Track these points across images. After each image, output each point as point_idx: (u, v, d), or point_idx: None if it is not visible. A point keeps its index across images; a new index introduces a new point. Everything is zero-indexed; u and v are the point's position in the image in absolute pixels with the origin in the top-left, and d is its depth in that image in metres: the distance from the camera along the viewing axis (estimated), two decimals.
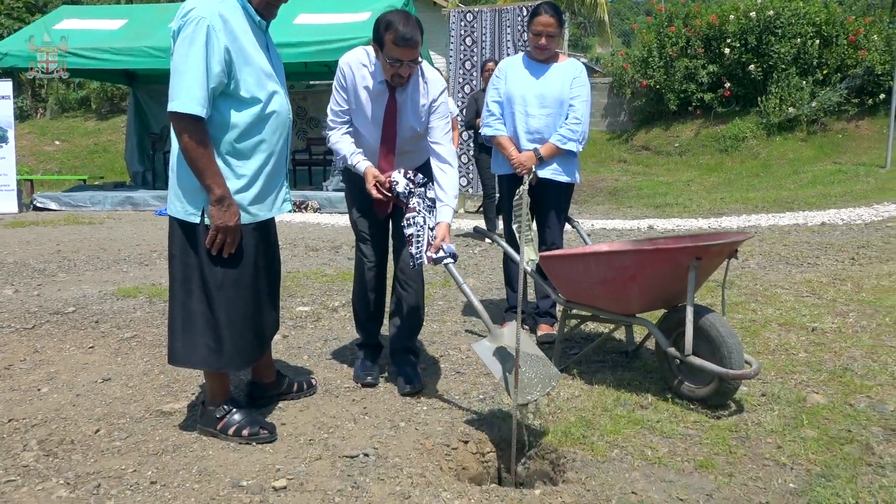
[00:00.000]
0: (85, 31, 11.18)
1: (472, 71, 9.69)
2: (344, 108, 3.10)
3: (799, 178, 11.46)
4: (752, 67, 13.74)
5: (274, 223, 2.86)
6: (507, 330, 2.76)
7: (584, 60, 17.75)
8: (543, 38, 3.79)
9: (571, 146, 3.81)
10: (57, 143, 18.70)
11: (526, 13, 8.94)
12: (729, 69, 14.16)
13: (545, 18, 3.76)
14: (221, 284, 2.58)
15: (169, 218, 2.63)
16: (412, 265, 3.03)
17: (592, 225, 8.50)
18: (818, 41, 13.49)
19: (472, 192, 9.68)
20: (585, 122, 3.85)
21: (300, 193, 11.06)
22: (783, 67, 13.54)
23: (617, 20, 42.19)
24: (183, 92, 2.39)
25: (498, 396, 3.11)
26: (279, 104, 2.64)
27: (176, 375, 3.38)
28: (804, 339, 3.78)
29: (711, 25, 14.31)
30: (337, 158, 3.18)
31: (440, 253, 2.90)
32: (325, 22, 10.58)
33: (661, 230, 8.04)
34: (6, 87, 11.16)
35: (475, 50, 9.66)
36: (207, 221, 2.52)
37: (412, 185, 3.02)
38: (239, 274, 2.61)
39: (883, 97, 12.71)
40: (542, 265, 3.50)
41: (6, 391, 3.21)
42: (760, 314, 4.24)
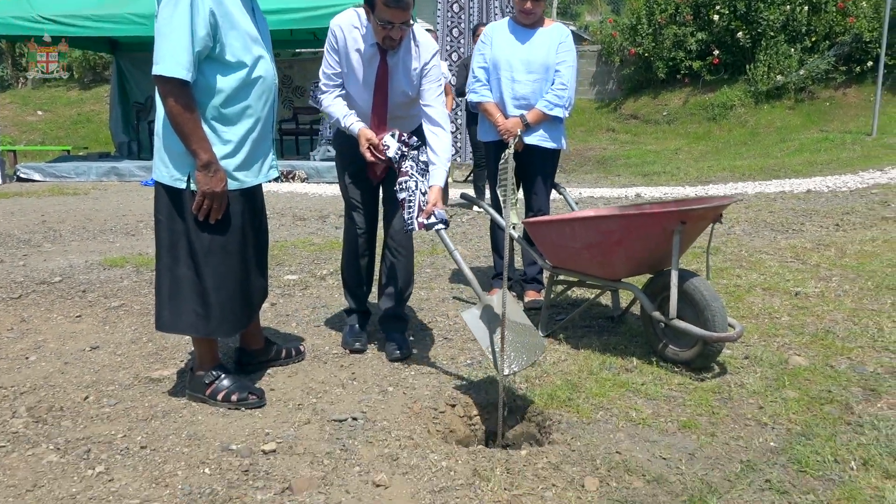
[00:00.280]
0: None
1: (459, 38, 9.62)
2: (336, 70, 3.07)
3: (786, 145, 11.50)
4: (740, 35, 13.68)
5: (261, 190, 2.85)
6: (495, 297, 2.78)
7: (573, 28, 17.57)
8: (529, 2, 3.75)
9: (558, 112, 3.80)
10: (39, 112, 18.41)
11: None
12: (717, 36, 14.09)
13: None
14: (209, 251, 2.58)
15: (155, 183, 2.61)
16: (405, 230, 3.03)
17: (580, 193, 8.51)
18: (807, 7, 13.43)
19: (460, 160, 9.66)
20: (572, 87, 3.83)
21: (287, 163, 10.96)
22: (772, 35, 13.48)
23: None
24: (168, 55, 2.36)
25: (485, 361, 3.14)
26: (265, 69, 2.62)
27: (164, 343, 3.39)
28: (787, 303, 3.82)
29: None
30: (328, 124, 3.15)
31: (431, 219, 2.91)
32: None
33: (648, 198, 8.06)
34: None
35: (462, 17, 9.57)
36: (194, 187, 2.51)
37: (405, 147, 3.00)
38: (226, 240, 2.61)
39: (870, 65, 12.69)
40: (528, 231, 3.51)
41: None
42: (745, 279, 4.28)
